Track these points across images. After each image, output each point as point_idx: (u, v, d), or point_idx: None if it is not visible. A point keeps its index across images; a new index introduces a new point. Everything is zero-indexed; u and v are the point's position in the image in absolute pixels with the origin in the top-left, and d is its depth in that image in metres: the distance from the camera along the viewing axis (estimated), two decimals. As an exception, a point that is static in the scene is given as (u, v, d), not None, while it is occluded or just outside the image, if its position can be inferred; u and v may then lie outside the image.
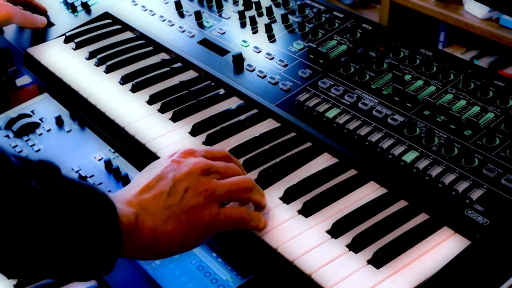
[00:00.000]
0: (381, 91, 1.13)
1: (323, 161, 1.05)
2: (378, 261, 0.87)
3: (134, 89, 1.26)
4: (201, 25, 1.39)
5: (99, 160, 1.41)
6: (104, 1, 1.55)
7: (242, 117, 1.16)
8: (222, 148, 1.05)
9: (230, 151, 1.06)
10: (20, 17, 1.44)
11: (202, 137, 1.12)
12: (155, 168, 0.93)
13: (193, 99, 1.21)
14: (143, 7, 1.49)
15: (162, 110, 1.20)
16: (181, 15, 1.44)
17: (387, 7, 2.86)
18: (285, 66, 1.23)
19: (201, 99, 1.21)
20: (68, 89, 1.30)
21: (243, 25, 1.36)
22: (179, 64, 1.32)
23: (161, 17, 1.45)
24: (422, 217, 0.93)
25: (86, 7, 1.54)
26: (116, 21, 1.49)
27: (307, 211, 0.95)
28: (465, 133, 1.02)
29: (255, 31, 1.34)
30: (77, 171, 1.38)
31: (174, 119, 1.17)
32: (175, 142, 1.12)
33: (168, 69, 1.31)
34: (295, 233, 0.92)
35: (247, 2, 1.40)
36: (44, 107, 1.61)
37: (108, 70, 1.32)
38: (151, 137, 1.13)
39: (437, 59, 1.16)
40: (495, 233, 0.87)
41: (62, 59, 1.38)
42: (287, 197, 0.98)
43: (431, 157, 0.99)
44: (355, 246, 0.89)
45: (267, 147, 1.08)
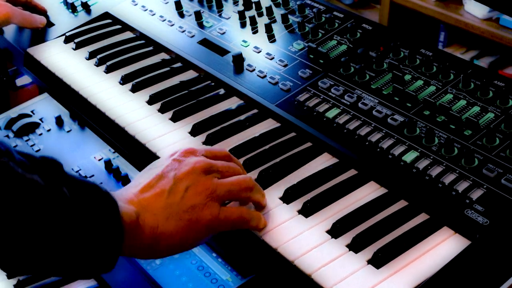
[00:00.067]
0: (381, 91, 1.13)
1: (323, 161, 1.05)
2: (378, 261, 0.87)
3: (134, 89, 1.26)
4: (201, 25, 1.39)
5: (99, 160, 1.41)
6: (104, 1, 1.55)
7: (242, 117, 1.16)
8: (223, 148, 1.05)
9: (230, 151, 1.06)
10: (20, 17, 1.44)
11: (202, 137, 1.12)
12: (155, 168, 0.93)
13: (193, 99, 1.21)
14: (143, 7, 1.49)
15: (162, 110, 1.20)
16: (181, 15, 1.44)
17: (387, 7, 2.86)
18: (285, 66, 1.23)
19: (201, 99, 1.21)
20: (68, 89, 1.30)
21: (243, 25, 1.36)
22: (179, 64, 1.32)
23: (161, 17, 1.44)
24: (422, 217, 0.93)
25: (86, 7, 1.54)
26: (116, 21, 1.49)
27: (307, 211, 0.95)
28: (465, 133, 1.02)
29: (255, 31, 1.34)
30: (77, 171, 1.38)
31: (174, 119, 1.17)
32: (175, 142, 1.12)
33: (168, 69, 1.30)
34: (295, 233, 0.92)
35: (247, 2, 1.40)
36: (44, 107, 1.61)
37: (108, 70, 1.32)
38: (151, 137, 1.13)
39: (437, 59, 1.16)
40: (495, 233, 0.87)
41: (62, 59, 1.38)
42: (287, 197, 0.98)
43: (431, 157, 0.99)
44: (355, 246, 0.89)
45: (267, 147, 1.08)
